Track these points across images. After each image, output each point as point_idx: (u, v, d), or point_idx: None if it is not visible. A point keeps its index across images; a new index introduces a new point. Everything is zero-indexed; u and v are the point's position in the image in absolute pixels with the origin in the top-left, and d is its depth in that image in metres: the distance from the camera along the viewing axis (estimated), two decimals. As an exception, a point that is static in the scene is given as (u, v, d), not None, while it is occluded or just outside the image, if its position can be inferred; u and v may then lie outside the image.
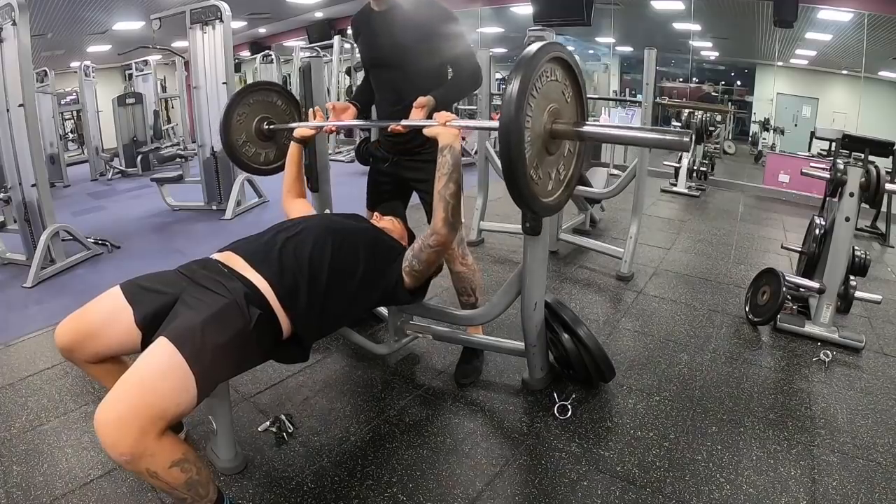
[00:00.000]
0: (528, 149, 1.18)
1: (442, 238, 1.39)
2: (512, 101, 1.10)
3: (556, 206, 1.35)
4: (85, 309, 1.24)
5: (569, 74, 1.30)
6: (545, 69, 1.21)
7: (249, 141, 2.13)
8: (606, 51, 7.67)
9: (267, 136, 2.15)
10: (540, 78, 1.19)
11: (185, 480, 1.05)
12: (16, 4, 2.82)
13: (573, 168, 1.39)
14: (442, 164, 1.38)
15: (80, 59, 7.29)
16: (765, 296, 2.45)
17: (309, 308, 1.29)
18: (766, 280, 2.49)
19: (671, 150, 4.73)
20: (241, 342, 1.17)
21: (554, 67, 1.25)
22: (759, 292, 2.50)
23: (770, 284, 2.44)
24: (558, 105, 1.27)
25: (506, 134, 1.12)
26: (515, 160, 1.14)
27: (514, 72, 1.13)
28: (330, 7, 8.80)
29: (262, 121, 2.13)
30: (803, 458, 1.59)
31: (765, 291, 2.46)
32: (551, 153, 1.28)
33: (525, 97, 1.13)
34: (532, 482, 1.48)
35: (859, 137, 4.17)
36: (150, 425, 0.98)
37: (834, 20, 5.61)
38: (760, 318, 2.42)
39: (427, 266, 1.45)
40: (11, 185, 3.09)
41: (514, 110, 1.11)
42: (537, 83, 1.18)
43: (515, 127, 1.11)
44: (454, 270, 1.95)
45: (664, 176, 5.49)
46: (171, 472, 1.02)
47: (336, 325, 1.52)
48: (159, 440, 1.00)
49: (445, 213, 1.38)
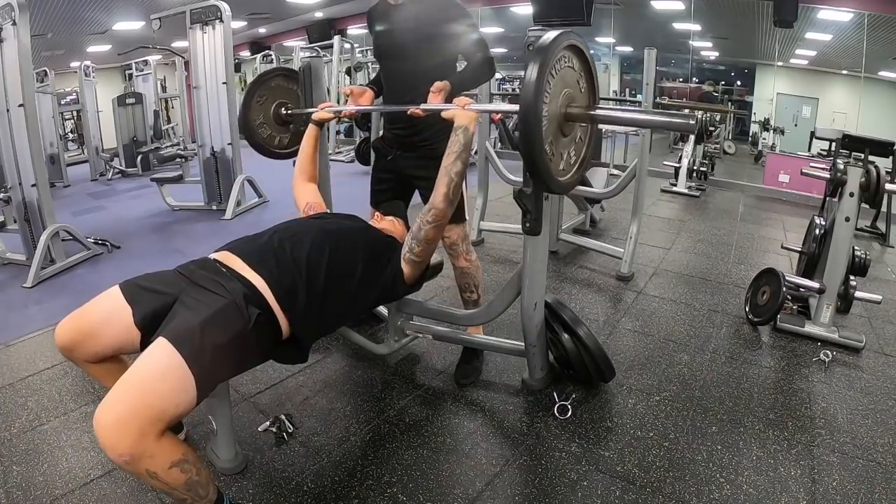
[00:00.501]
0: (545, 126, 1.26)
1: (439, 213, 1.44)
2: (532, 82, 1.20)
3: (568, 184, 1.45)
4: (84, 308, 1.24)
5: (583, 63, 1.40)
6: (563, 55, 1.29)
7: (266, 123, 2.20)
8: (606, 51, 7.67)
9: (283, 121, 2.20)
10: (558, 62, 1.28)
11: (185, 481, 1.05)
12: (16, 4, 2.81)
13: (584, 151, 1.50)
14: (454, 143, 1.44)
15: (80, 59, 7.29)
16: (765, 296, 2.45)
17: (307, 308, 1.29)
18: (766, 280, 2.49)
19: (678, 132, 4.72)
20: (241, 342, 1.17)
21: (570, 55, 1.34)
22: (759, 292, 2.50)
23: (770, 284, 2.44)
24: (573, 90, 1.36)
25: (525, 111, 1.21)
26: (533, 134, 1.23)
27: (534, 55, 1.22)
28: (330, 7, 8.81)
29: (280, 105, 2.19)
30: (803, 458, 1.59)
31: (765, 291, 2.46)
32: (566, 135, 1.38)
33: (545, 77, 1.21)
34: (532, 482, 1.48)
35: (859, 137, 4.16)
36: (150, 426, 0.98)
37: (834, 20, 5.61)
38: (760, 318, 2.42)
39: (426, 246, 1.47)
40: (11, 185, 3.09)
41: (533, 92, 1.20)
42: (555, 67, 1.27)
43: (535, 106, 1.21)
44: (458, 266, 1.96)
45: (664, 176, 5.49)
46: (170, 472, 1.02)
47: (335, 325, 1.53)
48: (159, 441, 1.00)
49: (447, 188, 1.43)
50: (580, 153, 1.49)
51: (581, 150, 1.49)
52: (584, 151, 1.50)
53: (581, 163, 1.49)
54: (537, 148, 1.25)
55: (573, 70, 1.37)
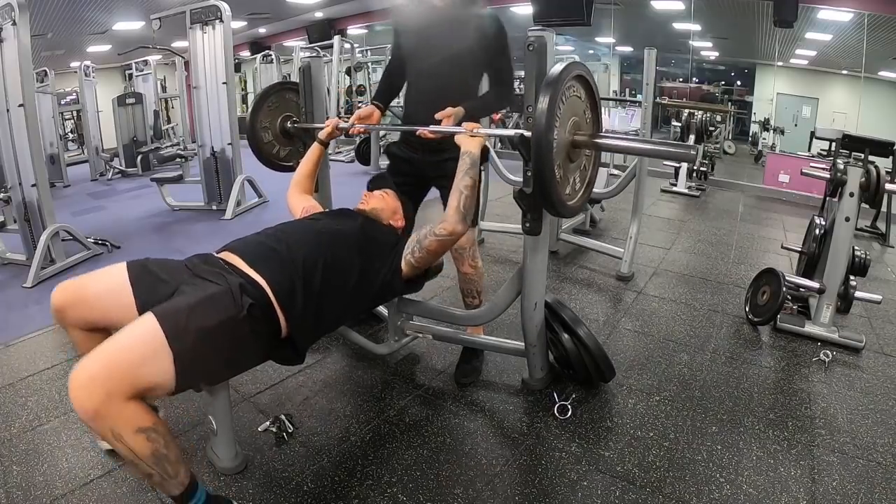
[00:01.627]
0: (556, 156, 1.34)
1: (450, 227, 1.46)
2: (543, 113, 1.26)
3: (575, 209, 1.52)
4: (89, 276, 1.30)
5: (588, 92, 1.47)
6: (570, 84, 1.36)
7: (271, 130, 2.21)
8: (606, 51, 7.67)
9: (287, 134, 2.22)
10: (565, 93, 1.34)
11: (152, 451, 1.04)
12: (16, 4, 2.81)
13: (589, 177, 1.58)
14: (462, 164, 1.53)
15: (80, 59, 7.29)
16: (765, 296, 2.45)
17: (304, 310, 1.31)
18: (766, 280, 2.49)
19: (679, 161, 4.75)
20: (231, 330, 1.17)
21: (576, 84, 1.40)
22: (759, 292, 2.50)
23: (770, 284, 2.44)
24: (579, 119, 1.43)
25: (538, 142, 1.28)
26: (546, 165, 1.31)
27: (545, 88, 1.28)
28: (330, 7, 8.81)
29: (287, 118, 2.21)
30: (803, 458, 1.59)
31: (765, 291, 2.46)
32: (573, 161, 1.45)
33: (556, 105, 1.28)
34: (532, 482, 1.48)
35: (859, 137, 4.17)
36: (118, 388, 1.00)
37: (834, 20, 5.61)
38: (760, 318, 2.42)
39: (427, 255, 1.49)
40: (11, 185, 3.09)
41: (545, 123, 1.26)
42: (564, 95, 1.33)
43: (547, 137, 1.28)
44: (462, 272, 1.95)
45: (664, 176, 5.49)
46: (136, 437, 1.02)
47: (333, 325, 1.54)
48: (126, 403, 1.01)
49: (458, 202, 1.48)
50: (585, 179, 1.56)
51: (586, 176, 1.57)
52: (588, 177, 1.57)
53: (586, 188, 1.57)
54: (548, 174, 1.31)
55: (580, 100, 1.44)
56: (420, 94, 1.87)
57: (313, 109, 2.11)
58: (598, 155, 1.60)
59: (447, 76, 1.77)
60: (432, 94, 1.76)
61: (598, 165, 1.63)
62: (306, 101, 2.11)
